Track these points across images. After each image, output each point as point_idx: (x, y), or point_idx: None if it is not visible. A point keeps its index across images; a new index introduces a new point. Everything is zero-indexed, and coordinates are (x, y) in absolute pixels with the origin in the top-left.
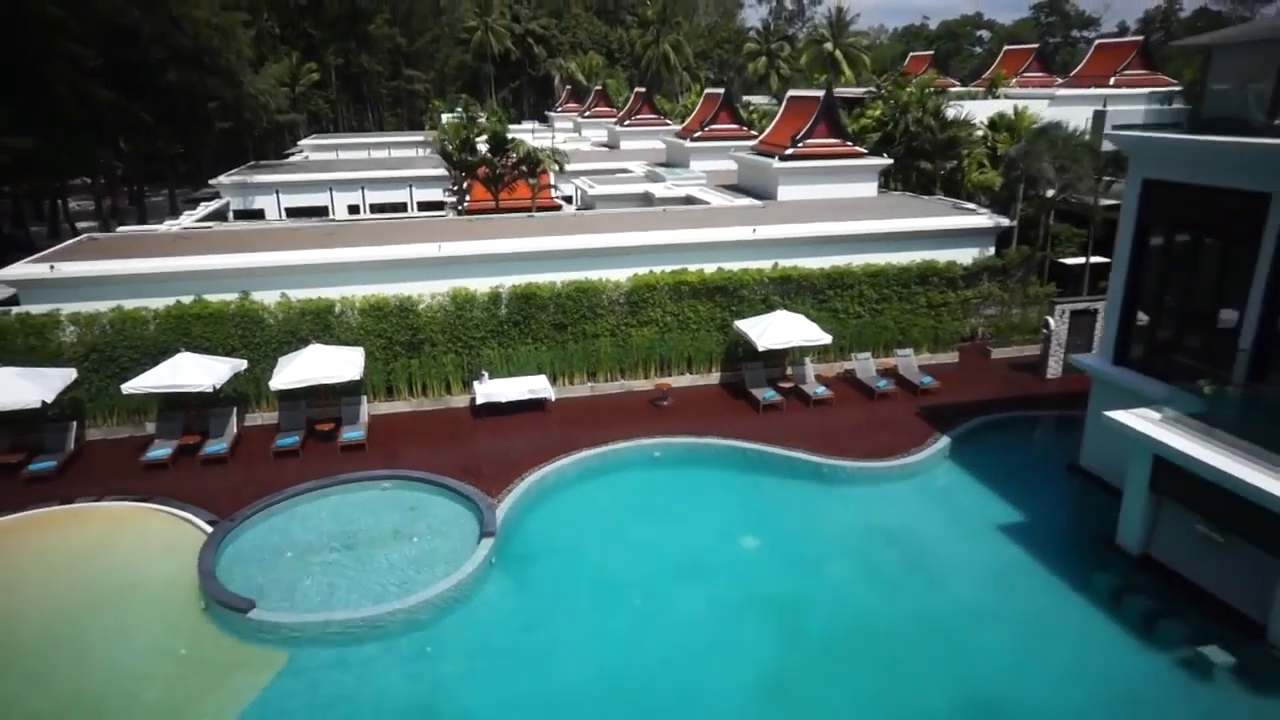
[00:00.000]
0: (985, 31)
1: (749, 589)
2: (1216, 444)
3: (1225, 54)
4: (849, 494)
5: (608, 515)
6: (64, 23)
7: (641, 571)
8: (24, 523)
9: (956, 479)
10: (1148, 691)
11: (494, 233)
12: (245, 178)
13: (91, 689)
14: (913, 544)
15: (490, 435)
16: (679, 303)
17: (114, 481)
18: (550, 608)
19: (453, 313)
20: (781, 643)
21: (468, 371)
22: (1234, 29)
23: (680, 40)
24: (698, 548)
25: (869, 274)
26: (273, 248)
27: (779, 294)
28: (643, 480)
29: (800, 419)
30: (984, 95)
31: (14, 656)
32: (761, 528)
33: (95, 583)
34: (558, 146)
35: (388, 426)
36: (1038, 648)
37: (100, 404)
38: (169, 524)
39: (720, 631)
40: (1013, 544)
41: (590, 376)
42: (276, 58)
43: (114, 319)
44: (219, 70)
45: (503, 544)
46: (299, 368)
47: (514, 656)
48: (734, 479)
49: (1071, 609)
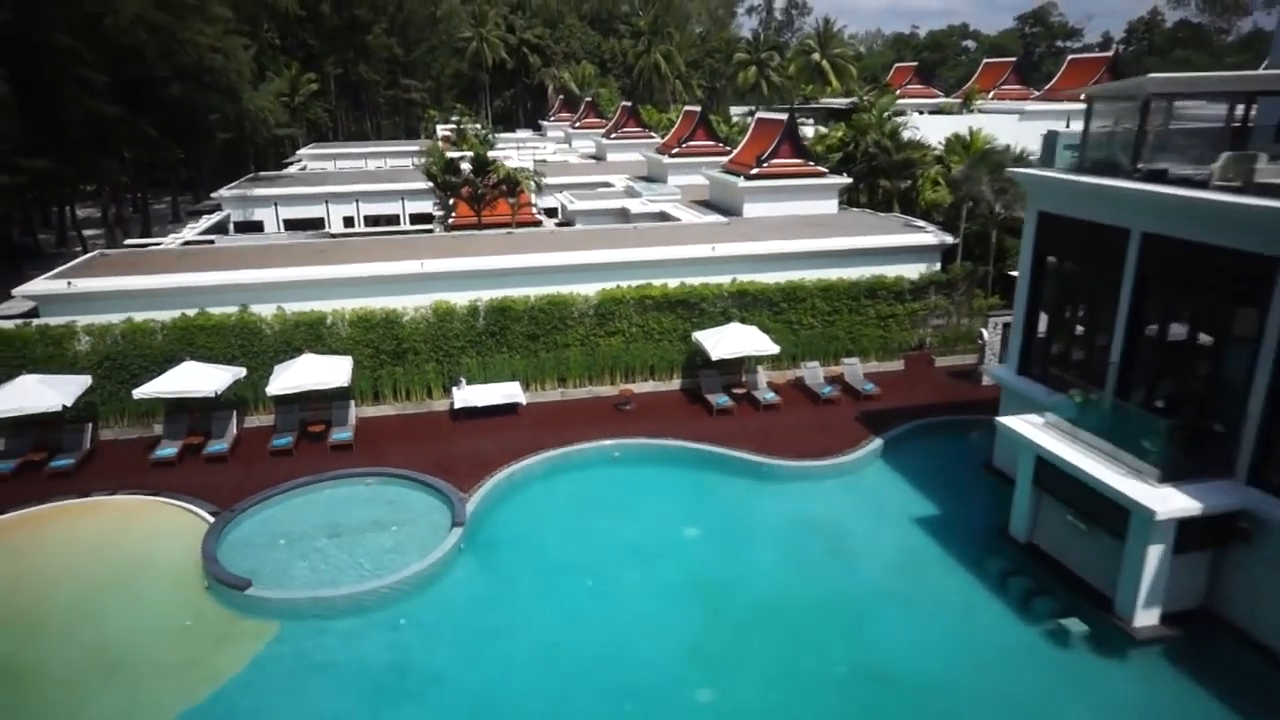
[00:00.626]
0: (971, 42)
1: (686, 572)
2: (1079, 445)
3: (1101, 104)
4: (784, 490)
5: (567, 508)
6: (76, 51)
7: (594, 556)
8: (46, 513)
9: (884, 477)
10: (1018, 657)
11: (474, 249)
12: (245, 191)
13: (109, 651)
14: (835, 534)
15: (466, 436)
16: (644, 315)
17: (126, 477)
18: (511, 587)
19: (434, 324)
20: (709, 616)
21: (448, 378)
22: (1108, 85)
23: (672, 50)
24: (645, 536)
25: (821, 288)
26: (269, 264)
27: (737, 307)
28: (601, 477)
29: (749, 422)
30: (958, 109)
31: (43, 625)
32: (702, 519)
33: (110, 565)
34: (537, 165)
35: (374, 428)
36: (930, 622)
37: (113, 407)
38: (175, 515)
39: (657, 607)
40: (923, 534)
41: (560, 383)
42: (276, 68)
43: (125, 330)
44: (220, 87)
45: (472, 532)
46: (293, 375)
47: (477, 627)
48: (683, 476)
49: (964, 589)
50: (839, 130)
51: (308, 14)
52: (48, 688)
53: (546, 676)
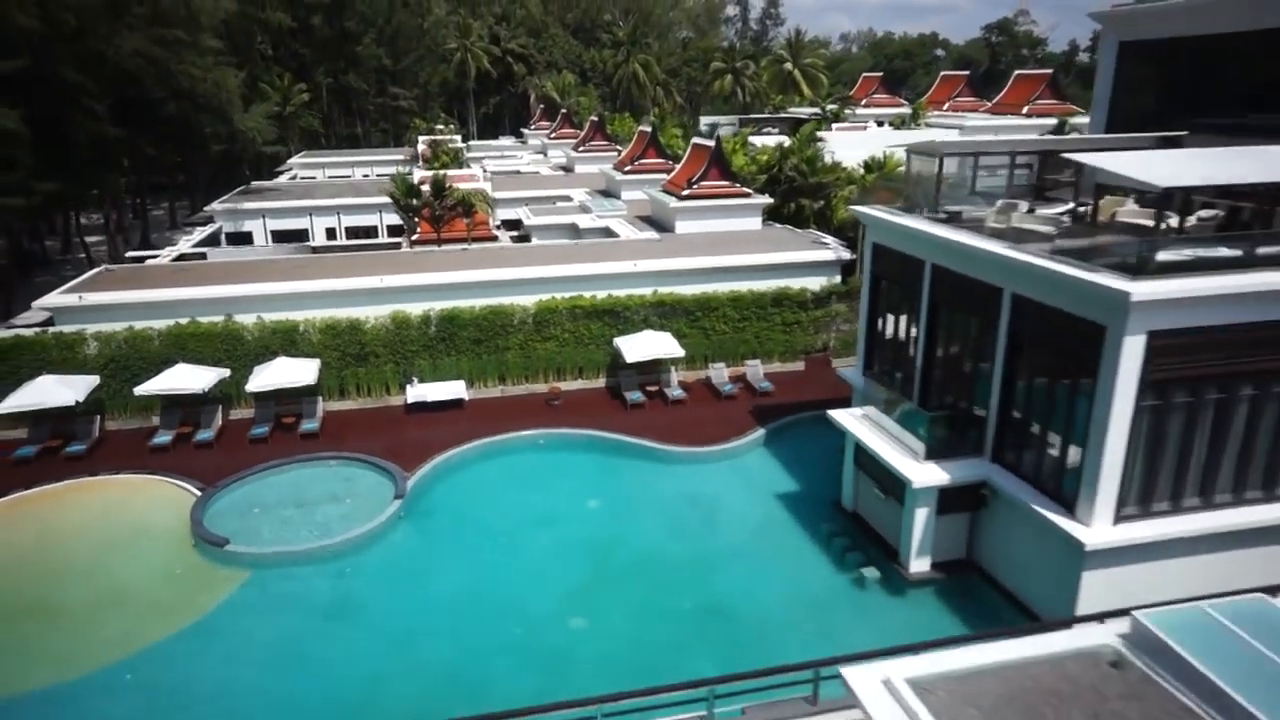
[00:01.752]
0: (941, 51)
1: (582, 534)
2: (881, 433)
3: (914, 158)
4: (675, 471)
5: (493, 485)
6: (83, 84)
7: (510, 522)
8: (64, 489)
9: (760, 461)
10: (827, 597)
11: (429, 265)
12: (235, 205)
13: (116, 592)
14: (709, 506)
15: (417, 427)
16: (575, 323)
17: (128, 460)
18: (438, 545)
19: (393, 331)
20: (593, 568)
21: (403, 377)
22: (918, 143)
23: (650, 60)
24: (554, 507)
25: (731, 299)
26: (251, 280)
27: (657, 315)
28: (525, 460)
29: (658, 415)
30: (907, 124)
31: (65, 573)
32: (604, 494)
33: (116, 529)
34: (504, 175)
35: (338, 420)
36: (767, 572)
37: (117, 402)
38: (169, 490)
39: (554, 560)
40: (779, 506)
41: (501, 381)
42: (269, 79)
43: (127, 337)
44: (212, 109)
45: (411, 503)
46: (269, 374)
47: (406, 573)
48: (594, 460)
49: (798, 547)
50: (765, 154)
51: (299, 26)
52: (71, 617)
53: (455, 608)
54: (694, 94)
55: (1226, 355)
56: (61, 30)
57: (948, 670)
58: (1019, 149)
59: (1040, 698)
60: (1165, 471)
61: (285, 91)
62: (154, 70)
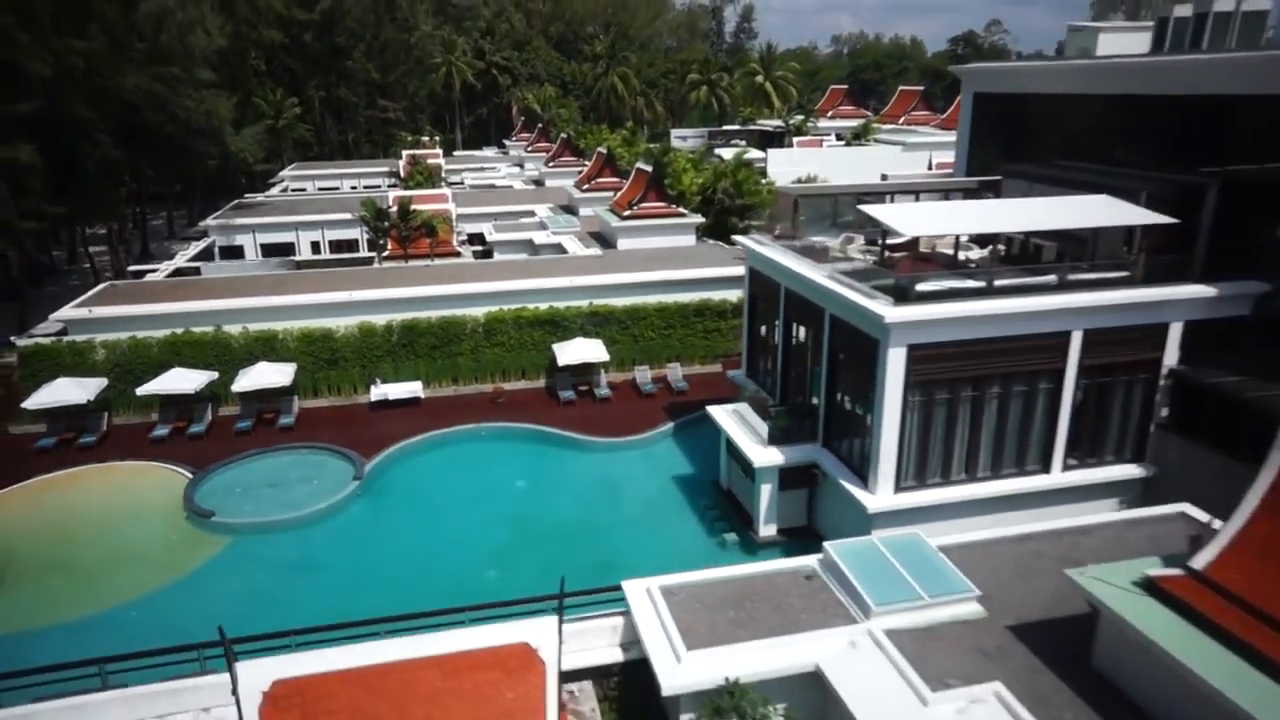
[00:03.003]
0: (909, 62)
1: (507, 508)
2: (742, 424)
3: (779, 194)
4: (594, 457)
5: (438, 468)
6: (90, 119)
7: (448, 498)
8: (78, 473)
9: (666, 449)
10: (694, 555)
11: (394, 281)
12: (228, 220)
13: (122, 553)
14: (616, 486)
15: (379, 421)
16: (519, 331)
17: (132, 449)
18: (387, 517)
19: (359, 339)
20: (513, 534)
21: (368, 379)
22: (783, 186)
23: (628, 73)
24: (487, 486)
25: (657, 309)
26: (237, 295)
27: (592, 324)
28: (468, 449)
29: (587, 411)
30: (857, 138)
31: (80, 538)
32: (531, 476)
33: (122, 504)
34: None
35: (312, 416)
36: (651, 537)
37: (122, 401)
38: (166, 474)
39: (480, 528)
40: (673, 485)
41: (454, 382)
42: (263, 94)
43: (130, 345)
44: (207, 133)
45: (367, 484)
46: (252, 377)
47: (358, 539)
48: (526, 448)
49: (680, 518)
50: (703, 175)
51: (291, 42)
52: (86, 572)
53: (396, 563)
54: (674, 103)
55: (973, 362)
56: (72, 73)
57: (692, 582)
58: (862, 191)
59: (747, 596)
60: (932, 452)
61: (278, 105)
62: (153, 102)
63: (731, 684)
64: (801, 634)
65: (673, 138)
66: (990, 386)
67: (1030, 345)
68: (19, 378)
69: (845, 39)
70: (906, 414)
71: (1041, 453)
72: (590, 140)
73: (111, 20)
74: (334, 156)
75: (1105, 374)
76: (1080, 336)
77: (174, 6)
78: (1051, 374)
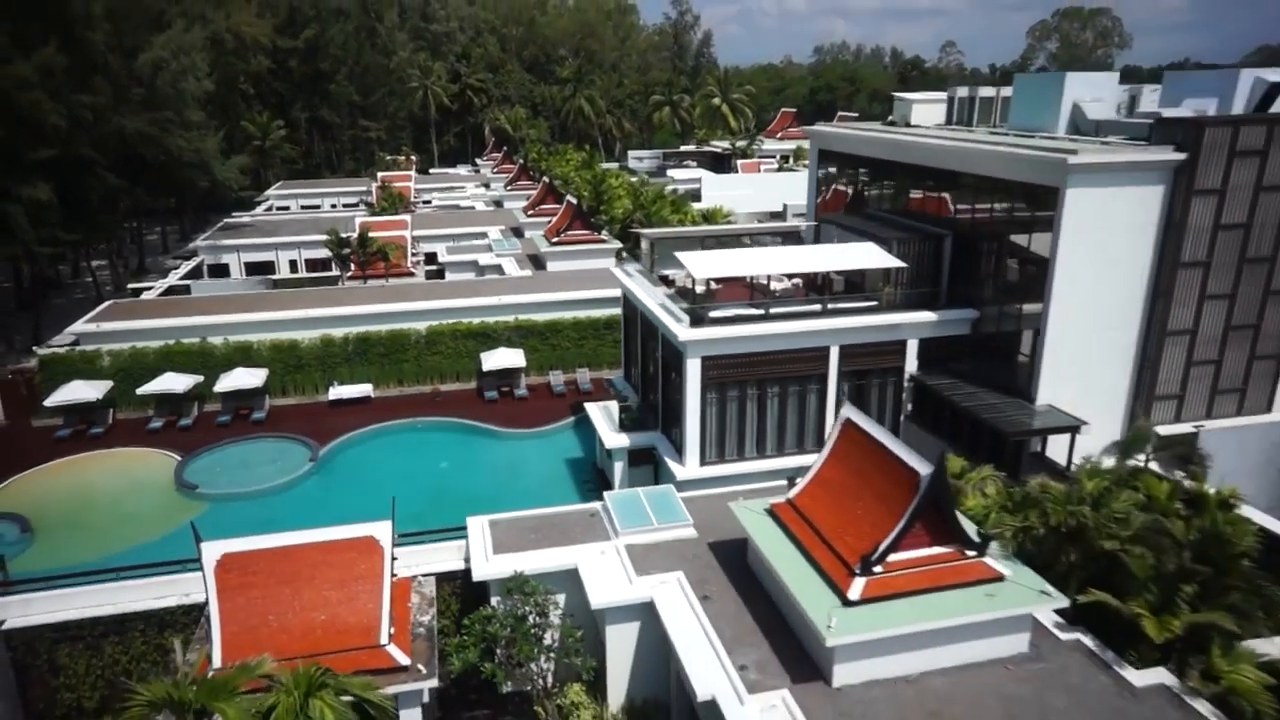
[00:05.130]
0: (859, 85)
1: (431, 482)
2: (604, 417)
3: (640, 235)
4: (506, 444)
5: (379, 452)
6: (96, 159)
7: (385, 475)
8: (89, 457)
9: (566, 439)
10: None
11: (352, 300)
12: (215, 241)
13: (123, 515)
14: (518, 465)
15: (335, 417)
16: (455, 341)
17: (132, 439)
18: (335, 488)
19: (321, 348)
20: (431, 500)
21: (328, 381)
22: (645, 230)
23: (594, 95)
24: (417, 467)
25: (573, 323)
26: (219, 312)
27: (517, 336)
28: (405, 438)
29: (506, 408)
30: (785, 164)
31: (90, 506)
32: (453, 458)
33: (125, 480)
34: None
35: (280, 412)
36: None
37: (124, 399)
38: (160, 458)
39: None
40: (563, 465)
41: (400, 384)
42: (250, 118)
43: (131, 353)
44: (197, 165)
45: (320, 465)
46: (231, 379)
47: (312, 504)
48: (453, 437)
49: (564, 490)
50: (618, 209)
51: (278, 67)
52: (98, 529)
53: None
54: (642, 122)
55: (755, 369)
56: (81, 121)
57: (511, 518)
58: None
59: (547, 526)
60: (729, 436)
61: (265, 128)
62: (149, 142)
63: (518, 574)
64: (571, 546)
65: (630, 159)
66: (771, 386)
67: (800, 356)
68: (40, 380)
69: (827, 49)
70: (706, 408)
71: (816, 436)
72: (553, 161)
73: (115, 70)
74: (320, 171)
75: (860, 378)
76: (838, 350)
77: (168, 56)
78: (818, 378)
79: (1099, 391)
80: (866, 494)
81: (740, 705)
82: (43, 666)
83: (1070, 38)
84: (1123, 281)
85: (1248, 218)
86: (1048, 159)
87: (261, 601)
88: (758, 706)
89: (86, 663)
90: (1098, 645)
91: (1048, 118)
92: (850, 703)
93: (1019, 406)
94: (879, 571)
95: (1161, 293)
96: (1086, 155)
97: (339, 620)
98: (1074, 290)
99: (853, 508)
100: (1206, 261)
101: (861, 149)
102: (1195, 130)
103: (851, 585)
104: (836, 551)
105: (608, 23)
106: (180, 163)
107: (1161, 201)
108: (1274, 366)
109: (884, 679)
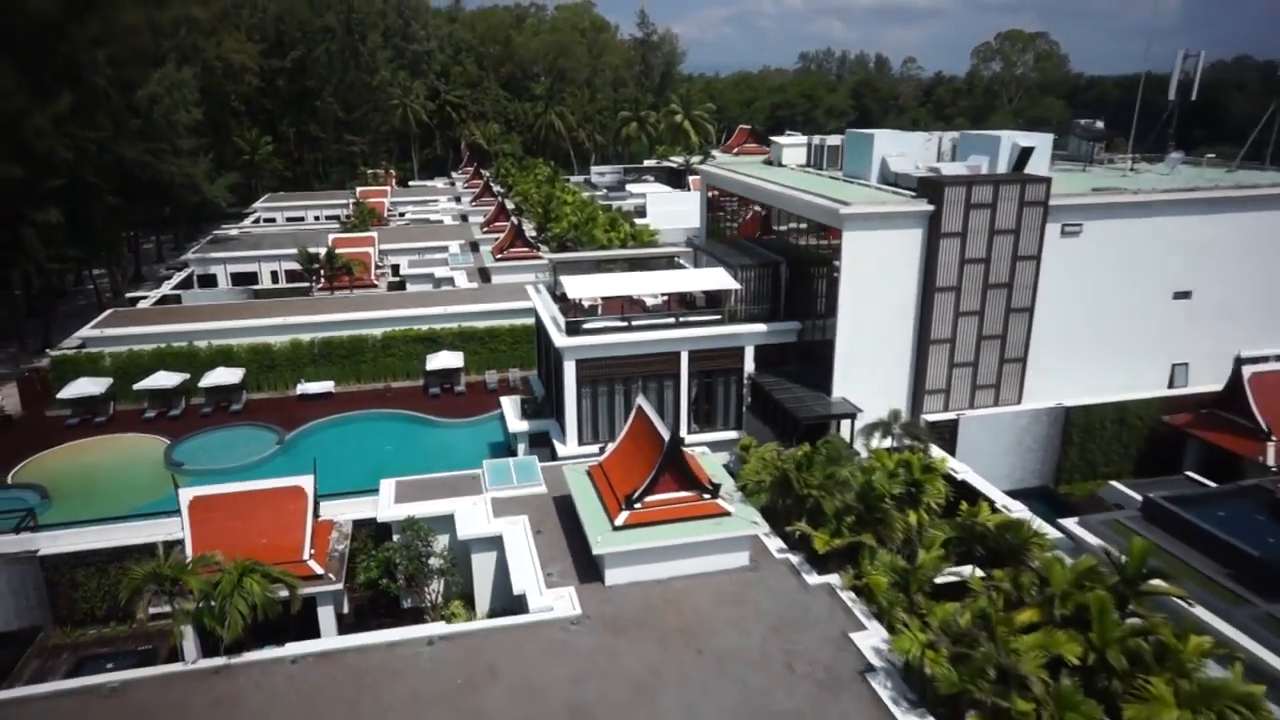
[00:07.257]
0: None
1: (375, 461)
2: (512, 409)
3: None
4: (442, 432)
5: (336, 438)
6: (100, 184)
7: (339, 456)
8: (93, 442)
9: (491, 427)
10: None
11: (319, 309)
12: (204, 254)
13: (124, 487)
14: (450, 447)
15: (302, 409)
16: (406, 345)
17: (130, 427)
18: (297, 465)
19: (291, 351)
20: (376, 476)
21: (297, 379)
22: (555, 255)
23: (565, 111)
24: (366, 449)
25: (509, 330)
26: (205, 320)
27: (460, 341)
28: (358, 427)
29: (447, 402)
30: None
31: (95, 480)
32: (398, 443)
33: (124, 460)
34: (371, 252)
35: (255, 405)
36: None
37: (123, 394)
38: (153, 442)
39: (357, 471)
40: (486, 448)
41: (357, 381)
42: (240, 134)
43: (128, 355)
44: (188, 186)
45: (286, 447)
46: (213, 377)
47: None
48: (399, 426)
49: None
50: (558, 227)
51: (267, 85)
52: (102, 497)
53: None
54: (613, 136)
55: (620, 369)
56: (86, 153)
57: (414, 480)
58: (600, 259)
59: (439, 486)
60: (601, 423)
61: (254, 143)
62: (145, 168)
63: (409, 518)
64: (451, 499)
65: (593, 173)
66: (635, 383)
67: (656, 359)
68: (52, 378)
69: (812, 56)
70: (581, 400)
71: (674, 424)
72: (519, 177)
73: (115, 104)
74: (308, 180)
75: (708, 377)
76: (687, 354)
77: (162, 92)
78: (672, 376)
79: (884, 387)
80: (639, 456)
81: (540, 595)
82: (66, 583)
83: (1011, 59)
84: (894, 301)
85: (986, 253)
86: (829, 207)
87: (220, 529)
88: (553, 596)
89: (97, 581)
90: (799, 561)
91: (865, 168)
92: (615, 595)
93: (818, 399)
94: (639, 507)
95: (925, 310)
96: (857, 206)
97: (274, 542)
98: (855, 308)
99: (631, 465)
100: (956, 286)
101: (732, 187)
102: (938, 188)
103: (619, 516)
104: (616, 494)
105: (582, 41)
106: (173, 184)
107: (921, 241)
108: (1021, 368)
109: (642, 581)
